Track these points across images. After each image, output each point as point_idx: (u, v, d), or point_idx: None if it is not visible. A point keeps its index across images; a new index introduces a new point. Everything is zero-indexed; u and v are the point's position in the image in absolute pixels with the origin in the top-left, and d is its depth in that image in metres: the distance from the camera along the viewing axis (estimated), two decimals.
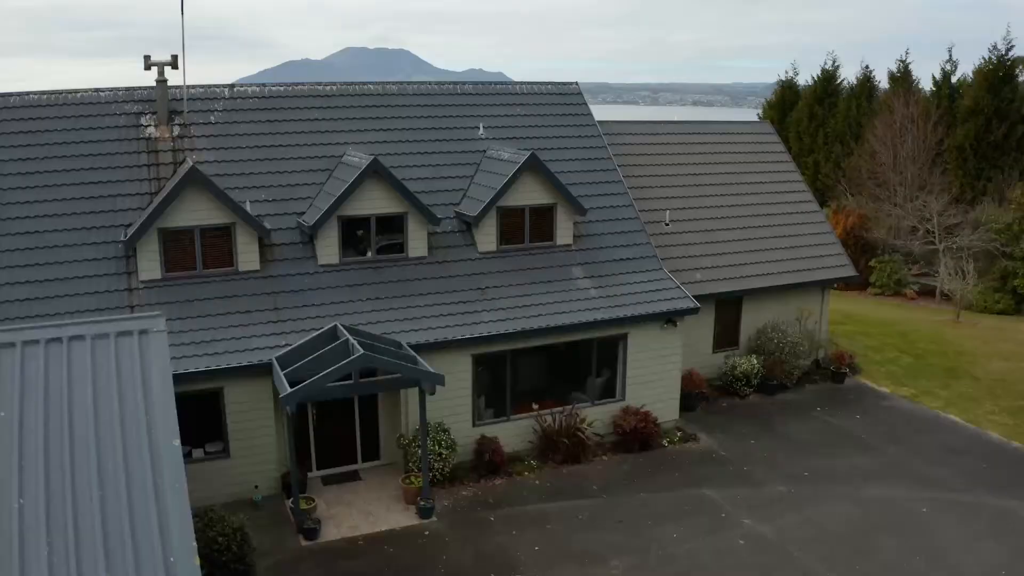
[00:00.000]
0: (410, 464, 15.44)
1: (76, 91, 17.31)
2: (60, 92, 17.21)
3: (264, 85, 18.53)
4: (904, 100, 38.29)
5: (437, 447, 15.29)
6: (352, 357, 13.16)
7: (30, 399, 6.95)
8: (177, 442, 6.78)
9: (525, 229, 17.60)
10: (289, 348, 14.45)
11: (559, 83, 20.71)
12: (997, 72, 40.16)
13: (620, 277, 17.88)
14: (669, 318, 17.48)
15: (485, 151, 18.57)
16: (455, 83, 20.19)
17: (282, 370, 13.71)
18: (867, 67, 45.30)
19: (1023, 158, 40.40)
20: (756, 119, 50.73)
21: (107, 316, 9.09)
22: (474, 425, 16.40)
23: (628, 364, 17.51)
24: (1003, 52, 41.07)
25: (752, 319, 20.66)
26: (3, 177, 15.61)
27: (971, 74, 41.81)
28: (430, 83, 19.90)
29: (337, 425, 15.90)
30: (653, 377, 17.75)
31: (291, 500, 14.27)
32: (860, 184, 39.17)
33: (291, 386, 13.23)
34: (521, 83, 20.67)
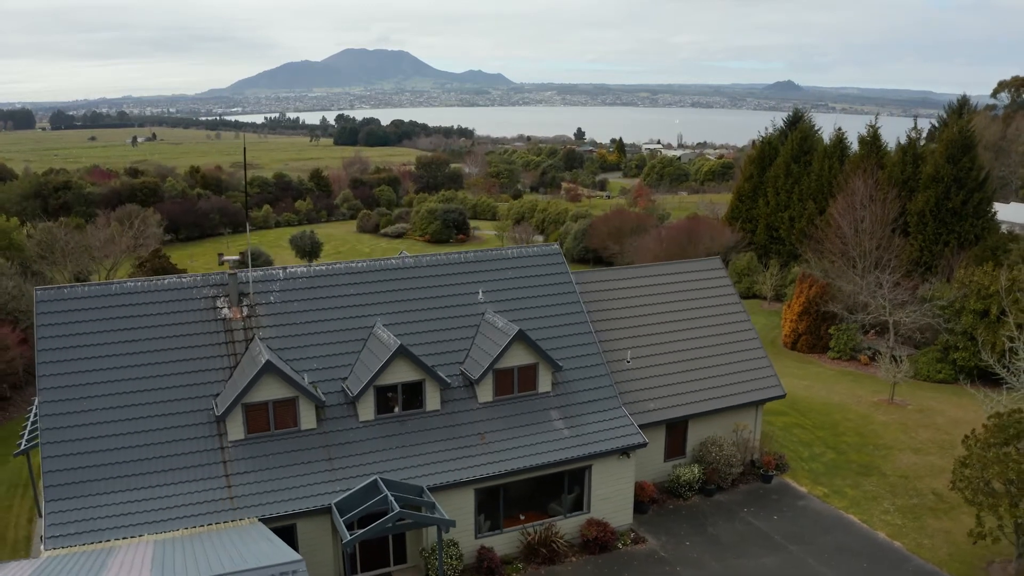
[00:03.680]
0: (429, 572, 22.76)
1: (164, 278, 24.34)
2: (151, 279, 24.24)
3: (310, 265, 25.51)
4: (864, 179, 45.15)
5: (449, 559, 22.61)
6: (391, 514, 20.42)
7: None
8: None
9: (514, 382, 24.78)
10: (343, 495, 21.65)
11: (543, 246, 27.84)
12: (958, 143, 47.03)
13: (587, 417, 25.12)
14: (624, 451, 24.72)
15: (483, 314, 25.64)
16: (460, 252, 27.15)
17: (340, 516, 20.92)
18: (839, 128, 52.04)
19: (979, 223, 47.54)
20: (759, 117, 57.43)
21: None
22: (475, 537, 23.75)
23: (592, 485, 24.84)
24: (965, 124, 47.91)
25: (697, 434, 27.96)
26: (111, 357, 22.61)
27: (955, 100, 48.59)
28: (439, 254, 26.88)
29: (376, 539, 23.18)
30: (612, 493, 25.10)
31: None
32: (824, 252, 46.22)
33: (347, 528, 20.47)
34: (512, 248, 27.72)
